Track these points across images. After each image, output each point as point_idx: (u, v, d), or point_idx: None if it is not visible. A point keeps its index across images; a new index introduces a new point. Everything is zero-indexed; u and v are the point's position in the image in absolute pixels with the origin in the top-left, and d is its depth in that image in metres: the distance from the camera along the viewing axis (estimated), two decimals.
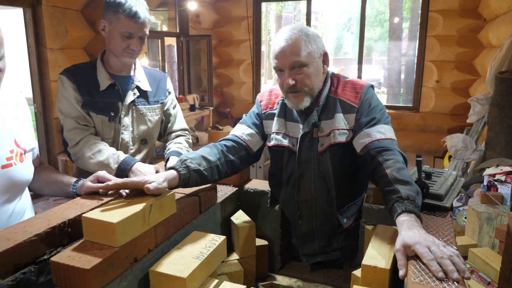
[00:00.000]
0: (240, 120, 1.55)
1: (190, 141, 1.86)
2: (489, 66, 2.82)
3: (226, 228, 1.51)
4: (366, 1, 5.16)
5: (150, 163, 1.80)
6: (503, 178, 2.19)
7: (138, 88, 1.69)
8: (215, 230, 1.43)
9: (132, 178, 1.12)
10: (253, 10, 5.66)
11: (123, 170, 1.53)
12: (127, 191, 1.19)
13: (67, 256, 0.95)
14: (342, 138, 1.33)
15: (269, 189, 1.57)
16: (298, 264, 1.61)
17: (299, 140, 1.39)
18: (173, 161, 1.60)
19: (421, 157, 1.26)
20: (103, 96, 1.64)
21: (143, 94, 1.71)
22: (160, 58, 5.47)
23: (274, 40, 1.37)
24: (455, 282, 0.83)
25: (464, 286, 0.83)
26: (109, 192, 1.20)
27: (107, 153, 1.57)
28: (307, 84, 1.32)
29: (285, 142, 1.44)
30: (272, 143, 1.47)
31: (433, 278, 0.85)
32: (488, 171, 2.26)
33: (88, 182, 1.30)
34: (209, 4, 5.70)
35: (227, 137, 1.46)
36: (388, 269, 0.98)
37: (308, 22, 5.57)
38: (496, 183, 2.20)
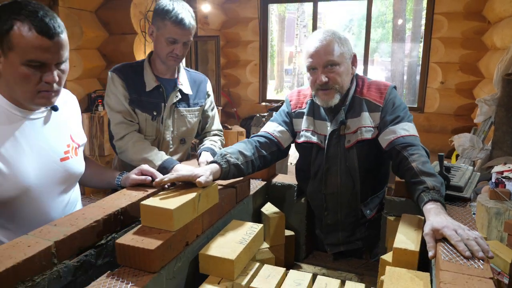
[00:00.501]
0: (271, 118, 1.65)
1: (224, 141, 1.96)
2: (496, 68, 2.93)
3: (257, 218, 1.61)
4: (372, 3, 5.26)
5: (186, 159, 1.89)
6: (511, 175, 2.30)
7: (180, 91, 1.78)
8: (247, 220, 1.53)
9: (183, 173, 1.23)
10: (260, 12, 5.77)
11: (165, 168, 1.61)
12: (169, 183, 1.31)
13: (130, 239, 1.05)
14: (368, 135, 1.44)
15: (295, 183, 1.68)
16: (322, 254, 1.71)
17: (327, 136, 1.50)
18: (205, 156, 1.71)
19: (443, 153, 1.37)
20: (149, 96, 1.74)
21: (184, 96, 1.80)
22: None
23: (307, 42, 1.48)
24: (480, 260, 0.94)
25: (488, 263, 0.94)
26: (153, 184, 1.31)
27: (152, 151, 1.66)
28: (338, 81, 1.43)
29: (314, 139, 1.55)
30: (302, 139, 1.58)
31: (461, 257, 0.95)
32: (496, 168, 2.37)
33: (133, 175, 1.40)
34: (217, 6, 5.80)
35: (259, 133, 1.57)
36: (417, 251, 1.09)
37: (315, 24, 5.68)
38: (504, 180, 2.31)
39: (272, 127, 1.59)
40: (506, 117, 2.72)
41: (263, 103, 6.00)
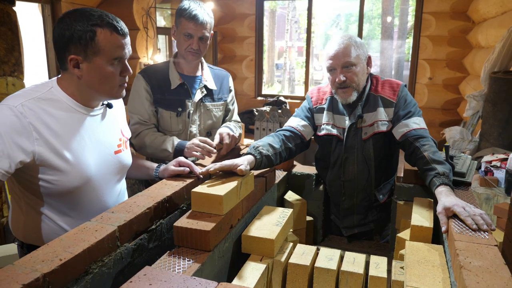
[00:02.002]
0: (294, 114, 1.83)
1: (240, 130, 2.09)
2: (483, 67, 3.16)
3: (280, 205, 1.78)
4: (364, 1, 5.45)
5: None
6: (498, 164, 2.53)
7: (205, 87, 1.93)
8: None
9: (226, 162, 1.38)
10: (256, 8, 5.90)
11: (179, 151, 1.76)
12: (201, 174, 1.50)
13: (186, 222, 1.20)
14: (384, 128, 1.62)
15: (313, 172, 1.85)
16: (336, 237, 1.89)
17: (346, 129, 1.68)
18: (222, 128, 1.84)
19: (449, 144, 1.56)
20: (173, 94, 1.88)
21: (209, 92, 1.95)
22: (168, 53, 5.66)
23: (328, 46, 1.65)
24: (485, 232, 1.13)
25: (491, 234, 1.13)
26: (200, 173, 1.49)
27: (164, 141, 1.81)
28: (355, 80, 1.61)
29: (334, 131, 1.72)
30: (323, 132, 1.76)
31: (469, 230, 1.14)
32: (485, 158, 2.60)
33: (171, 166, 1.55)
34: (214, 2, 5.90)
35: (284, 127, 1.74)
36: (431, 227, 1.28)
37: (309, 20, 5.86)
38: (492, 168, 2.54)
39: (296, 122, 1.76)
40: (492, 112, 2.95)
41: (259, 98, 6.15)
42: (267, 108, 5.24)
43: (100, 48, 1.19)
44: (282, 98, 5.79)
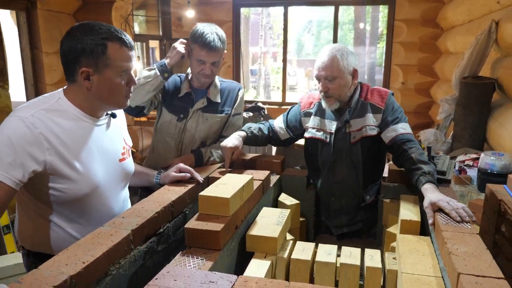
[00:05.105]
0: (283, 114, 2.00)
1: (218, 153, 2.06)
2: (454, 72, 3.37)
3: (275, 207, 1.87)
4: (338, 9, 5.65)
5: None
6: (471, 163, 2.72)
7: (208, 99, 1.96)
8: None
9: (227, 154, 1.73)
10: (233, 15, 6.00)
11: (163, 67, 1.82)
12: (201, 179, 1.63)
13: (196, 224, 1.28)
14: (372, 132, 1.74)
15: (304, 175, 1.95)
16: (327, 236, 2.00)
17: (334, 133, 1.79)
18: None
19: (431, 145, 1.70)
20: (180, 100, 1.95)
21: (211, 103, 1.97)
22: (145, 60, 5.67)
23: (318, 55, 1.76)
24: (468, 223, 1.27)
25: (473, 224, 1.26)
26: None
27: (144, 73, 1.83)
28: (335, 92, 1.73)
29: (319, 135, 1.85)
30: (308, 135, 1.90)
31: (454, 222, 1.27)
32: (459, 158, 2.78)
33: (172, 173, 1.62)
34: (191, 8, 5.96)
35: (272, 121, 2.00)
36: (419, 221, 1.40)
37: (286, 26, 6.01)
38: (465, 167, 2.72)
39: (277, 122, 2.00)
40: (463, 115, 3.16)
41: None
42: (246, 114, 5.32)
43: (111, 61, 1.25)
44: (260, 104, 5.89)
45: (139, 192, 2.08)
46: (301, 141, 2.05)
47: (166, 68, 1.83)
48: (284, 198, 1.86)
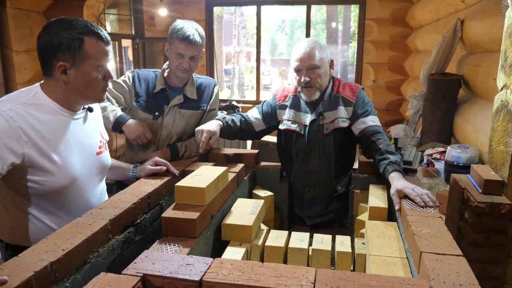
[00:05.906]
0: (257, 106, 2.03)
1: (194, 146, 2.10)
2: (422, 69, 3.50)
3: (249, 198, 1.92)
4: (310, 8, 5.75)
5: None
6: (438, 156, 2.84)
7: (184, 95, 1.98)
8: None
9: (204, 136, 1.73)
10: (205, 14, 6.01)
11: (119, 123, 1.87)
12: (177, 172, 1.64)
13: (173, 213, 1.31)
14: (344, 124, 1.82)
15: (278, 169, 2.01)
16: (300, 227, 2.05)
17: (308, 125, 1.85)
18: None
19: (397, 137, 1.78)
20: (154, 98, 1.96)
21: (188, 100, 1.99)
22: (118, 59, 5.61)
23: (295, 48, 1.83)
24: (431, 208, 1.35)
25: (436, 209, 1.35)
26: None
27: (108, 109, 1.87)
28: (318, 81, 1.79)
29: (294, 127, 1.91)
30: (283, 127, 1.94)
31: (418, 207, 1.35)
32: (427, 151, 2.90)
33: (148, 166, 1.64)
34: (164, 7, 5.94)
35: (246, 114, 2.01)
36: (386, 207, 1.48)
37: (259, 25, 6.07)
38: (433, 160, 2.85)
39: (252, 113, 2.02)
40: (431, 110, 3.29)
41: None
42: (221, 113, 5.35)
43: (87, 55, 1.27)
44: (234, 103, 5.93)
45: (114, 189, 2.08)
46: (275, 139, 2.10)
47: (119, 127, 1.87)
48: (258, 190, 1.91)
